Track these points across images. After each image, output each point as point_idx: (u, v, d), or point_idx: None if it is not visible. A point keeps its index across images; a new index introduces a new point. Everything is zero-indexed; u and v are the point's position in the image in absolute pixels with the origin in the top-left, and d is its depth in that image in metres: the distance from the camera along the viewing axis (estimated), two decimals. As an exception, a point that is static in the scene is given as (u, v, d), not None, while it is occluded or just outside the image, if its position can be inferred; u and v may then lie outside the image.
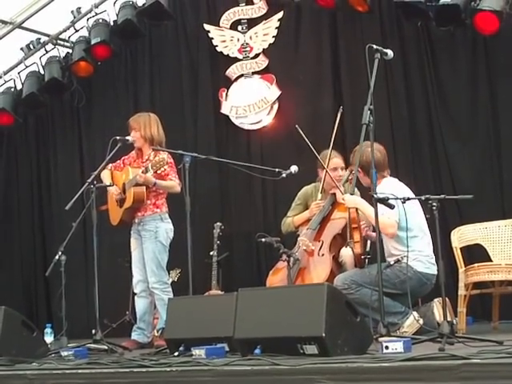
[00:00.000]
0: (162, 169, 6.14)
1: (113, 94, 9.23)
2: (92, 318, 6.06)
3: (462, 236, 6.12)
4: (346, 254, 5.76)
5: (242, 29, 8.50)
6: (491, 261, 6.03)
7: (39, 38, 9.24)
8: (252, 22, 8.47)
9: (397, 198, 4.84)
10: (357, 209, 5.39)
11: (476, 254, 6.23)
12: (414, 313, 5.20)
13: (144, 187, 6.32)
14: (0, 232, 9.51)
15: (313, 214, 6.05)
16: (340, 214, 5.93)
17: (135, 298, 6.47)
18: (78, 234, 6.23)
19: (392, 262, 5.36)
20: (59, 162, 9.49)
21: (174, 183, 6.35)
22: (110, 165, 6.57)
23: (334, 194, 6.00)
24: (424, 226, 5.43)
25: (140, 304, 6.43)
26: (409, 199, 4.82)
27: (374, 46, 4.98)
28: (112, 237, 7.40)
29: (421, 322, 5.16)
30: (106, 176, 6.52)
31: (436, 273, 5.29)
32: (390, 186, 5.40)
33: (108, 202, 6.66)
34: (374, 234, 5.41)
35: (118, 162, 6.63)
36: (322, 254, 5.77)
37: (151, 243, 6.36)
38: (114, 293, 7.89)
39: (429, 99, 7.44)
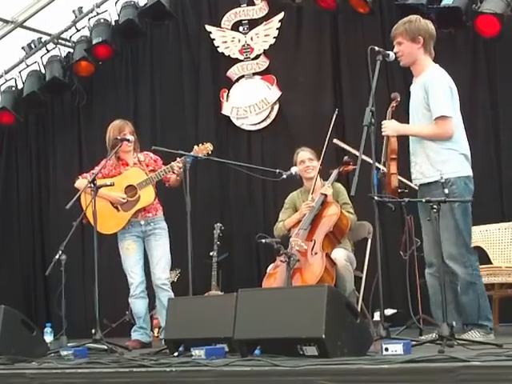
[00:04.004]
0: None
1: (113, 93, 9.24)
2: (90, 317, 6.06)
3: (463, 238, 6.12)
4: (338, 256, 5.80)
5: (243, 30, 8.51)
6: (491, 263, 6.04)
7: (40, 38, 9.25)
8: (253, 23, 8.49)
9: (397, 201, 4.83)
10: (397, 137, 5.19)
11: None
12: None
13: None
14: (-1, 231, 9.52)
15: (303, 215, 6.08)
16: (330, 212, 5.98)
17: (132, 299, 6.43)
18: (76, 233, 6.22)
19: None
20: (58, 161, 9.51)
21: None
22: (87, 174, 6.47)
23: (325, 194, 6.05)
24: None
25: (141, 304, 6.42)
26: (410, 201, 4.80)
27: (376, 48, 4.97)
28: (109, 237, 7.38)
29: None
30: (83, 185, 6.22)
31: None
32: (444, 75, 5.14)
33: (92, 213, 5.95)
34: None
35: (94, 172, 6.34)
36: (315, 253, 5.81)
37: (166, 241, 6.45)
38: (112, 293, 7.88)
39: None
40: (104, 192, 6.25)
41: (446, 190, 4.73)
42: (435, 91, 5.00)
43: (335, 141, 6.58)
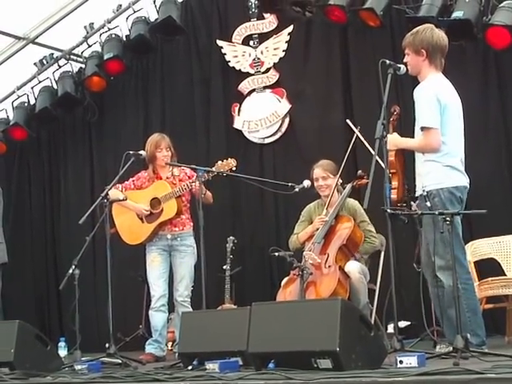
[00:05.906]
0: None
1: (125, 108, 9.27)
2: (102, 332, 6.05)
3: (476, 250, 6.13)
4: (352, 269, 5.80)
5: (254, 44, 8.54)
6: (505, 275, 6.02)
7: (52, 53, 9.30)
8: (263, 37, 8.51)
9: (410, 214, 4.83)
10: (395, 154, 5.20)
11: (490, 268, 6.22)
12: None
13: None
14: (12, 245, 9.52)
15: (316, 229, 6.09)
16: (344, 225, 6.01)
17: (152, 311, 6.45)
18: (88, 248, 6.24)
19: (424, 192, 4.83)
20: (70, 176, 9.55)
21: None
22: (119, 185, 6.54)
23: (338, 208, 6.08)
24: None
25: (159, 318, 6.43)
26: (422, 214, 4.80)
27: (387, 62, 4.97)
28: (121, 251, 7.41)
29: None
30: (116, 194, 6.38)
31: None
32: (431, 86, 4.98)
33: (118, 223, 6.61)
34: None
35: (127, 183, 6.62)
36: (329, 266, 5.84)
37: (190, 258, 6.44)
38: (125, 307, 7.89)
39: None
40: (129, 203, 6.45)
41: (429, 203, 4.67)
42: (419, 103, 4.96)
43: (348, 120, 6.55)
